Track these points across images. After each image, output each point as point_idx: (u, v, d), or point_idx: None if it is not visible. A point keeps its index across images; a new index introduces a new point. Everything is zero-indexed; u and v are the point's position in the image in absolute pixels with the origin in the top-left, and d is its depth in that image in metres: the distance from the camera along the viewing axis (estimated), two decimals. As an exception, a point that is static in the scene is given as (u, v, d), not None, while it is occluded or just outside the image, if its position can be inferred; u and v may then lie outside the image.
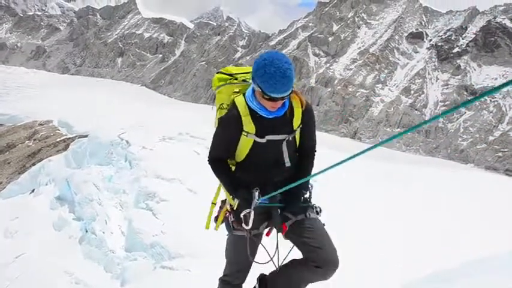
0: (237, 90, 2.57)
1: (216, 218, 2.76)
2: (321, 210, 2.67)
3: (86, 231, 11.36)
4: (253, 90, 2.45)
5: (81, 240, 11.39)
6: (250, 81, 2.56)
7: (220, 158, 2.60)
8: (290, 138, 2.52)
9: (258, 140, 2.46)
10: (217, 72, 2.72)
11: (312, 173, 2.65)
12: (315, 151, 2.72)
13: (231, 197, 2.61)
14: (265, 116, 2.42)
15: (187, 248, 8.38)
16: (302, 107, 2.54)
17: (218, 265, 3.18)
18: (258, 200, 2.47)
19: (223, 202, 2.77)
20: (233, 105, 2.50)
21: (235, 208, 2.58)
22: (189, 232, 8.80)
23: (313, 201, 2.71)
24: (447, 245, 10.48)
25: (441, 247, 10.33)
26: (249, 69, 2.67)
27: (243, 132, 2.46)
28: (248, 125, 2.44)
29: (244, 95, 2.52)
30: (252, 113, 2.45)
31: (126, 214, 11.03)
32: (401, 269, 7.52)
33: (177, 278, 7.55)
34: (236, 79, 2.63)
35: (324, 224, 2.63)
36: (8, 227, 13.11)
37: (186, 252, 8.28)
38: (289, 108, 2.49)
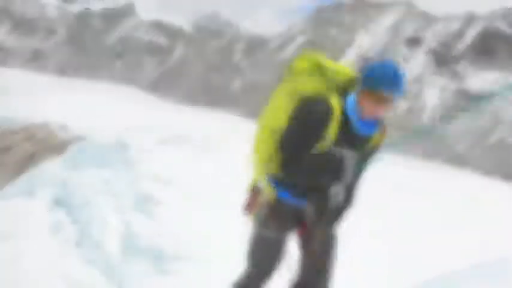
0: (324, 87, 2.29)
1: (249, 207, 2.48)
2: None
3: (83, 235, 11.32)
4: (357, 96, 2.22)
5: (78, 243, 11.33)
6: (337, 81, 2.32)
7: (300, 158, 2.23)
8: None
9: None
10: (304, 57, 2.35)
11: None
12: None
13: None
14: (354, 129, 2.21)
15: (185, 251, 8.36)
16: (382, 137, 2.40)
17: (216, 268, 3.16)
18: None
19: (255, 190, 2.47)
20: (326, 103, 2.20)
21: (273, 201, 2.35)
22: (187, 235, 8.81)
23: None
24: (444, 251, 10.49)
25: (438, 254, 10.34)
26: (340, 67, 2.34)
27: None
28: (331, 131, 2.19)
29: (340, 97, 2.25)
30: (341, 122, 2.20)
31: (124, 217, 11.00)
32: (399, 276, 7.50)
33: (174, 281, 7.53)
34: (326, 75, 2.31)
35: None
36: (5, 230, 13.03)
37: (183, 255, 8.27)
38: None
